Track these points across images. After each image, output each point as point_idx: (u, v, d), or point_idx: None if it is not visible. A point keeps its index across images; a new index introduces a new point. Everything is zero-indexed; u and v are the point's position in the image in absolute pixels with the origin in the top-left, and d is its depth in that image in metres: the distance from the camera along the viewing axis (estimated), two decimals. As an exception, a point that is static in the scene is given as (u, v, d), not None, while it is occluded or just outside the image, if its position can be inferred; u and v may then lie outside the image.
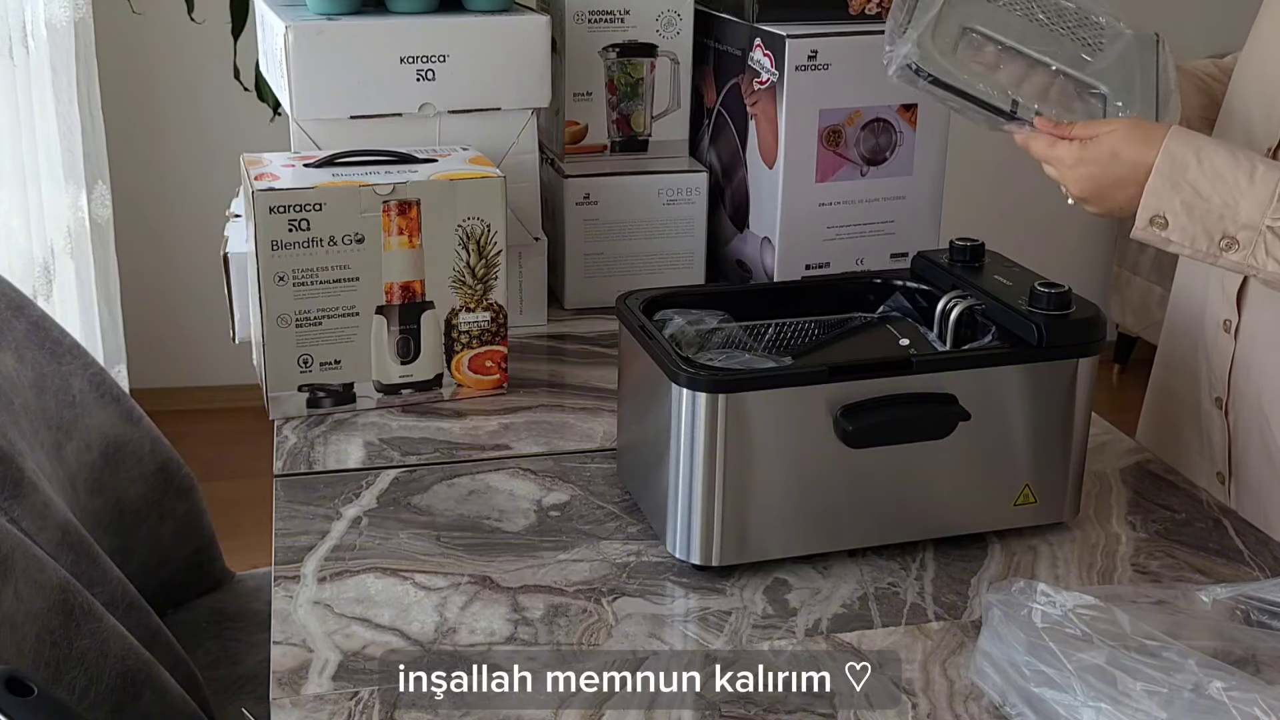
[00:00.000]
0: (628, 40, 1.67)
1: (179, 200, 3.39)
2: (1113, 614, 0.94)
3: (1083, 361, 1.16)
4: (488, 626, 1.05)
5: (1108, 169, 1.17)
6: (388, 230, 1.34)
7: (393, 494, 1.24)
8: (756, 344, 1.25)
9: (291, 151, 1.49)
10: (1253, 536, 1.21)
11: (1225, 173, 1.13)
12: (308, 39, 1.45)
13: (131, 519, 1.53)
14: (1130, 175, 1.16)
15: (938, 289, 1.26)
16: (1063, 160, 1.20)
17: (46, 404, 1.44)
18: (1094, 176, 1.18)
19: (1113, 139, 1.17)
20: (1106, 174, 1.17)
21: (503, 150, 1.56)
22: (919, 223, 1.63)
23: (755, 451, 1.09)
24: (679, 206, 1.68)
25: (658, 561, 1.14)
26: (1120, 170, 1.17)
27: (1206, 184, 1.13)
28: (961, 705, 0.97)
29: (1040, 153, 1.22)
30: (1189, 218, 1.14)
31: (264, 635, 1.11)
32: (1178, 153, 1.14)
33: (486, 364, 1.43)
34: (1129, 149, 1.16)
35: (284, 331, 1.35)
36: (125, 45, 3.17)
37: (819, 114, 1.54)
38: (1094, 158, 1.18)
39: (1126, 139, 1.17)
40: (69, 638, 1.14)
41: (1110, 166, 1.17)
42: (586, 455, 1.32)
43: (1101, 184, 1.18)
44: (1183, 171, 1.14)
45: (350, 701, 0.96)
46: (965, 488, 1.16)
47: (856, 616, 1.08)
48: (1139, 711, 0.86)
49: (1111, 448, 1.37)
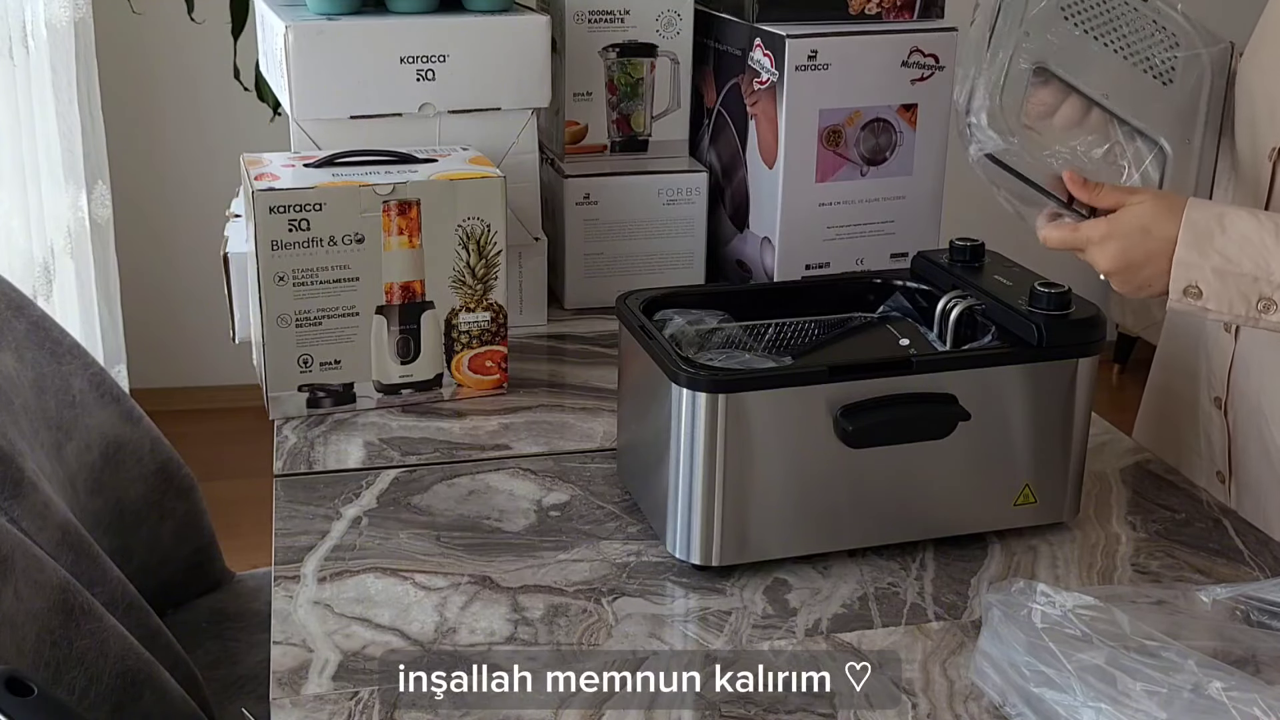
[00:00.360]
0: (628, 40, 1.67)
1: (179, 200, 3.39)
2: (1112, 614, 0.94)
3: (1083, 361, 1.16)
4: (488, 626, 1.05)
5: (1138, 244, 1.15)
6: (388, 230, 1.34)
7: (393, 494, 1.24)
8: (756, 344, 1.25)
9: (291, 151, 1.49)
10: (1253, 536, 1.21)
11: (1251, 235, 1.13)
12: (308, 39, 1.45)
13: (131, 519, 1.52)
14: (1160, 249, 1.15)
15: (938, 289, 1.26)
16: (1090, 239, 1.17)
17: (46, 404, 1.44)
18: (1124, 251, 1.16)
19: (1142, 213, 1.15)
20: (1137, 248, 1.15)
21: (503, 150, 1.56)
22: (919, 223, 1.63)
23: (755, 451, 1.09)
24: (679, 206, 1.68)
25: (658, 561, 1.14)
26: (1150, 245, 1.15)
27: (1235, 249, 1.13)
28: (961, 705, 0.97)
29: (1067, 240, 1.20)
30: (1223, 284, 1.13)
31: (264, 635, 1.11)
32: (1200, 221, 1.14)
33: (486, 364, 1.43)
34: (1159, 224, 1.15)
35: (284, 331, 1.35)
36: (125, 45, 3.17)
37: (819, 114, 1.54)
38: (1123, 232, 1.16)
39: (1155, 213, 1.15)
40: (69, 638, 1.14)
41: (1141, 241, 1.15)
42: (586, 455, 1.32)
43: (1132, 259, 1.16)
44: (1209, 240, 1.13)
45: (350, 701, 0.96)
46: (965, 488, 1.16)
47: (856, 616, 1.08)
48: (1139, 712, 0.86)
49: (1111, 448, 1.37)
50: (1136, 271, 1.16)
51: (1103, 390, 1.24)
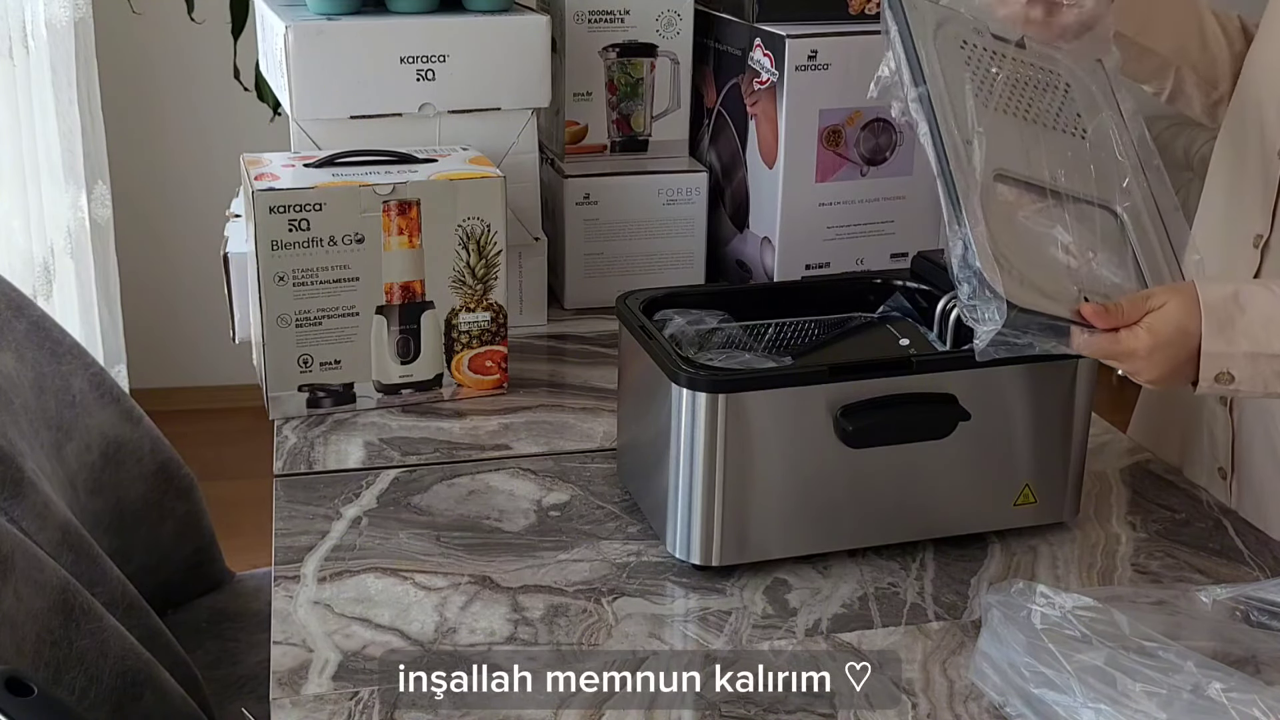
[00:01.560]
0: (628, 40, 1.67)
1: (179, 200, 3.39)
2: (1111, 616, 0.94)
3: (1083, 362, 1.16)
4: (488, 626, 1.05)
5: (1181, 345, 1.10)
6: (388, 230, 1.34)
7: (393, 494, 1.24)
8: (756, 344, 1.25)
9: (291, 151, 1.49)
10: (1253, 537, 1.21)
11: (1273, 313, 1.10)
12: (308, 39, 1.45)
13: (131, 519, 1.52)
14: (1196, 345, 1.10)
15: (938, 289, 1.26)
16: (1136, 354, 1.10)
17: (46, 404, 1.44)
18: (1171, 358, 1.10)
19: (1171, 314, 1.10)
20: (1181, 352, 1.10)
21: (503, 150, 1.56)
22: (919, 223, 1.63)
23: (755, 451, 1.09)
24: (679, 206, 1.68)
25: (658, 561, 1.14)
26: (1191, 343, 1.10)
27: (1260, 330, 1.10)
28: (961, 705, 0.97)
29: (1107, 351, 1.11)
30: (1254, 368, 1.10)
31: (264, 635, 1.11)
32: (1218, 306, 1.10)
33: (486, 364, 1.43)
34: (1189, 319, 1.10)
35: (284, 331, 1.35)
36: (125, 45, 3.17)
37: (819, 114, 1.54)
38: (1166, 339, 1.09)
39: (1182, 309, 1.10)
40: (69, 638, 1.14)
41: (1183, 342, 1.09)
42: (586, 455, 1.32)
43: (1179, 362, 1.11)
44: (1231, 325, 1.10)
45: (350, 701, 0.96)
46: (965, 488, 1.16)
47: (856, 616, 1.08)
48: (1138, 712, 0.86)
49: (1111, 448, 1.37)
50: (1182, 371, 1.11)
51: (1103, 390, 1.23)
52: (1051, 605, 0.96)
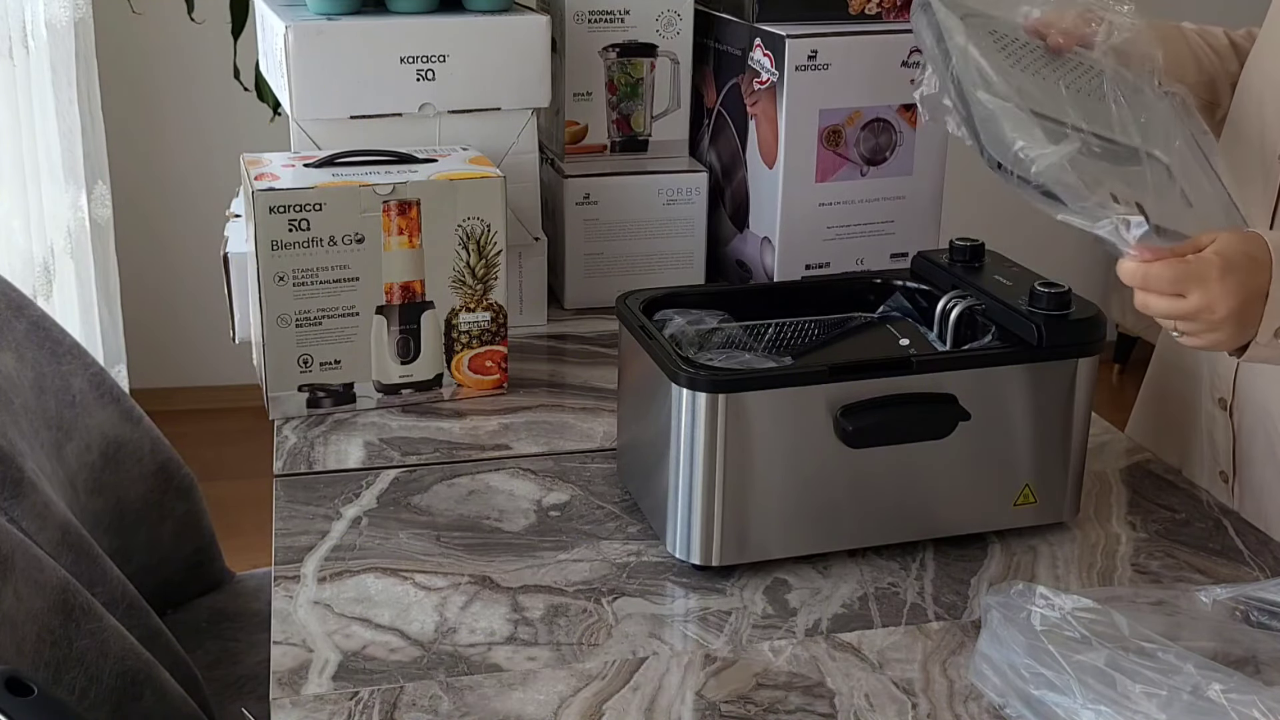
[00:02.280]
0: (628, 40, 1.67)
1: (179, 200, 3.39)
2: (1111, 617, 0.94)
3: (1082, 361, 1.16)
4: (488, 626, 1.05)
5: (1251, 274, 1.00)
6: (388, 230, 1.34)
7: (393, 494, 1.24)
8: (756, 344, 1.25)
9: (291, 151, 1.49)
10: (1253, 537, 1.21)
11: None
12: (308, 39, 1.45)
13: (131, 519, 1.53)
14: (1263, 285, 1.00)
15: (938, 289, 1.26)
16: (1208, 278, 0.99)
17: (46, 404, 1.44)
18: (1244, 285, 1.00)
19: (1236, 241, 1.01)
20: (1251, 281, 1.00)
21: (503, 150, 1.56)
22: (919, 223, 1.63)
23: (755, 451, 1.09)
24: (679, 206, 1.68)
25: (658, 561, 1.14)
26: (1261, 277, 1.00)
27: None
28: (961, 705, 0.97)
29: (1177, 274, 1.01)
30: None
31: (264, 635, 1.11)
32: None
33: (486, 364, 1.43)
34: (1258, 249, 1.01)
35: (284, 331, 1.35)
36: (125, 45, 3.18)
37: (819, 114, 1.54)
38: (1237, 263, 1.00)
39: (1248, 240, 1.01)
40: (69, 638, 1.14)
41: (1255, 271, 1.00)
42: (586, 455, 1.32)
43: (1249, 293, 1.01)
44: None
45: (350, 701, 0.96)
46: (965, 488, 1.16)
47: (856, 616, 1.08)
48: (1138, 713, 0.86)
49: (1111, 448, 1.37)
50: (1249, 308, 1.01)
51: (1103, 390, 1.23)
52: (1051, 606, 0.96)
